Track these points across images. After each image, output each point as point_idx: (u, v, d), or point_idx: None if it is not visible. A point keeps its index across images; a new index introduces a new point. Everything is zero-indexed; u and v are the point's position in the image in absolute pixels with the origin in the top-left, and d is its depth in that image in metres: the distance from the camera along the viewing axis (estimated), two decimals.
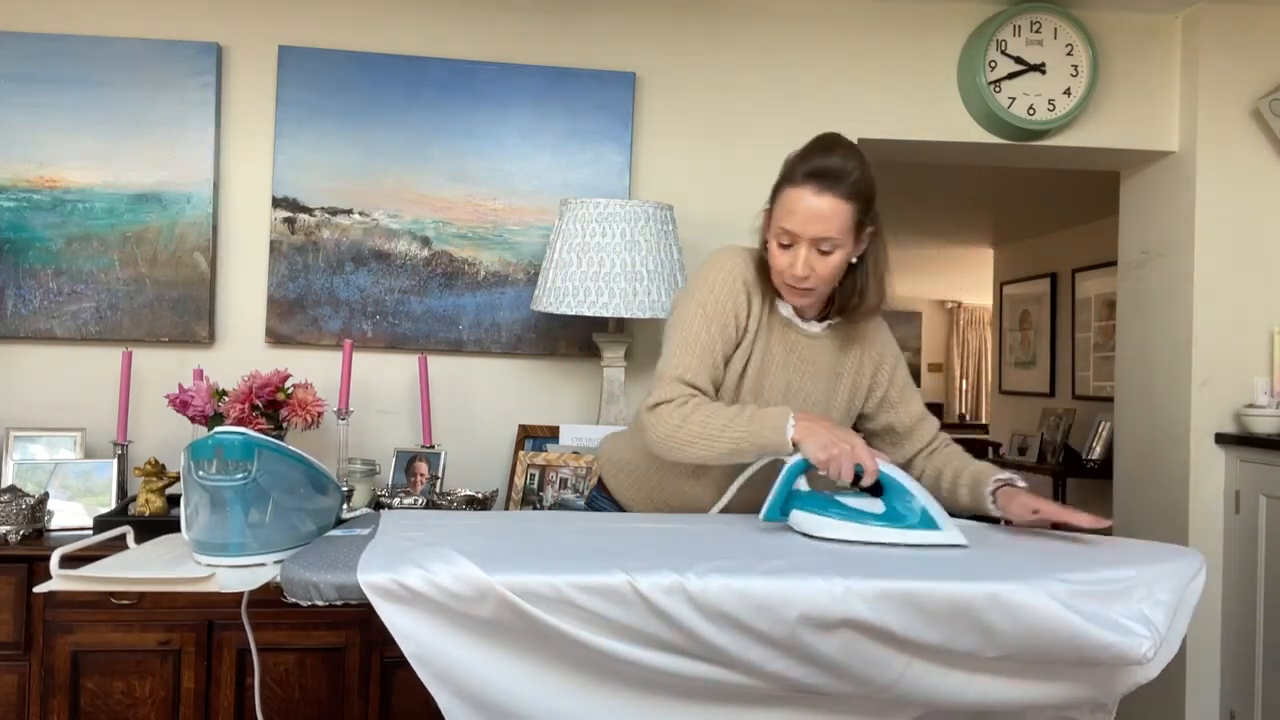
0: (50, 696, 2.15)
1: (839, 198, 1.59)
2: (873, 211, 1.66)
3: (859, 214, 1.62)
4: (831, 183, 1.58)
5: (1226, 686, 2.88)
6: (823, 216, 1.59)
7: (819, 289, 1.66)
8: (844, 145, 1.64)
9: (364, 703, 2.22)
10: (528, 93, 2.72)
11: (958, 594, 1.21)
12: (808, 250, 1.60)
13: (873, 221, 1.67)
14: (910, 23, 2.90)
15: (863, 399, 1.78)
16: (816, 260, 1.61)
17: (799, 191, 1.60)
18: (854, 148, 1.65)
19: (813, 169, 1.60)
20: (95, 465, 2.41)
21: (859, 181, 1.61)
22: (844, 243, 1.61)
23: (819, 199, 1.58)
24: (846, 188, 1.59)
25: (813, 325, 1.74)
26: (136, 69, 2.58)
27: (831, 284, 1.67)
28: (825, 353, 1.74)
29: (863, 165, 1.62)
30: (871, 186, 1.64)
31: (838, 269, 1.64)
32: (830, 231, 1.59)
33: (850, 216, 1.60)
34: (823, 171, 1.59)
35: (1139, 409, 3.18)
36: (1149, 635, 1.21)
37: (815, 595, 1.22)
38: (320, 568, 1.30)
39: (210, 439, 1.36)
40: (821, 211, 1.58)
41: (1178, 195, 2.99)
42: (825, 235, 1.59)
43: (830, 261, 1.62)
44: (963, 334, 9.74)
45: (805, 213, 1.59)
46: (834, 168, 1.59)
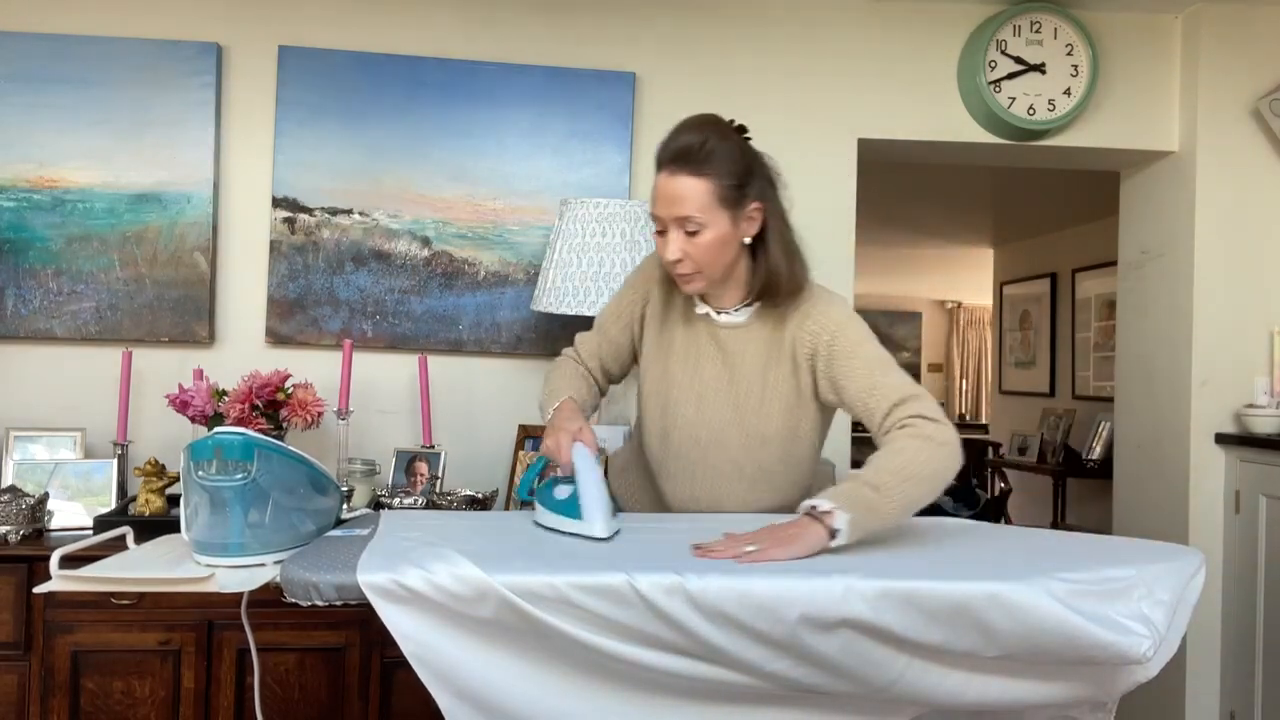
0: (50, 696, 2.15)
1: (692, 175, 1.56)
2: (750, 186, 1.61)
3: (724, 189, 1.57)
4: (683, 161, 1.56)
5: (1226, 686, 2.88)
6: (679, 197, 1.56)
7: (702, 272, 1.62)
8: (700, 122, 1.60)
9: (364, 703, 2.22)
10: (528, 93, 2.72)
11: (958, 594, 1.21)
12: (675, 233, 1.59)
13: (759, 197, 1.62)
14: (910, 23, 2.90)
15: (811, 380, 1.68)
16: (686, 243, 1.58)
17: (659, 176, 1.59)
18: (713, 124, 1.61)
19: (666, 151, 1.58)
20: (95, 465, 2.41)
21: (713, 156, 1.56)
22: (711, 221, 1.57)
23: (672, 180, 1.57)
24: (700, 164, 1.55)
25: (736, 315, 1.71)
26: (136, 69, 2.58)
27: (717, 266, 1.62)
28: (755, 341, 1.69)
29: (722, 139, 1.58)
30: (738, 160, 1.59)
31: (713, 249, 1.59)
32: (688, 210, 1.56)
33: (710, 193, 1.56)
34: (674, 152, 1.57)
35: (1139, 409, 3.18)
36: (1149, 635, 1.21)
37: (815, 595, 1.22)
38: (320, 568, 1.30)
39: (210, 439, 1.37)
40: (676, 192, 1.56)
41: (1178, 195, 2.99)
42: (685, 215, 1.56)
43: (700, 242, 1.58)
44: (963, 334, 9.74)
45: (663, 195, 1.58)
46: (684, 145, 1.56)
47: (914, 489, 1.45)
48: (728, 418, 1.70)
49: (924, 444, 1.49)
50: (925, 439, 1.49)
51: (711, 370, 1.71)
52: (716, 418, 1.70)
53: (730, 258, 1.63)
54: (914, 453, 1.48)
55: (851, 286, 2.89)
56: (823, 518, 1.38)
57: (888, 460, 1.47)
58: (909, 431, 1.50)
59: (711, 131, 1.58)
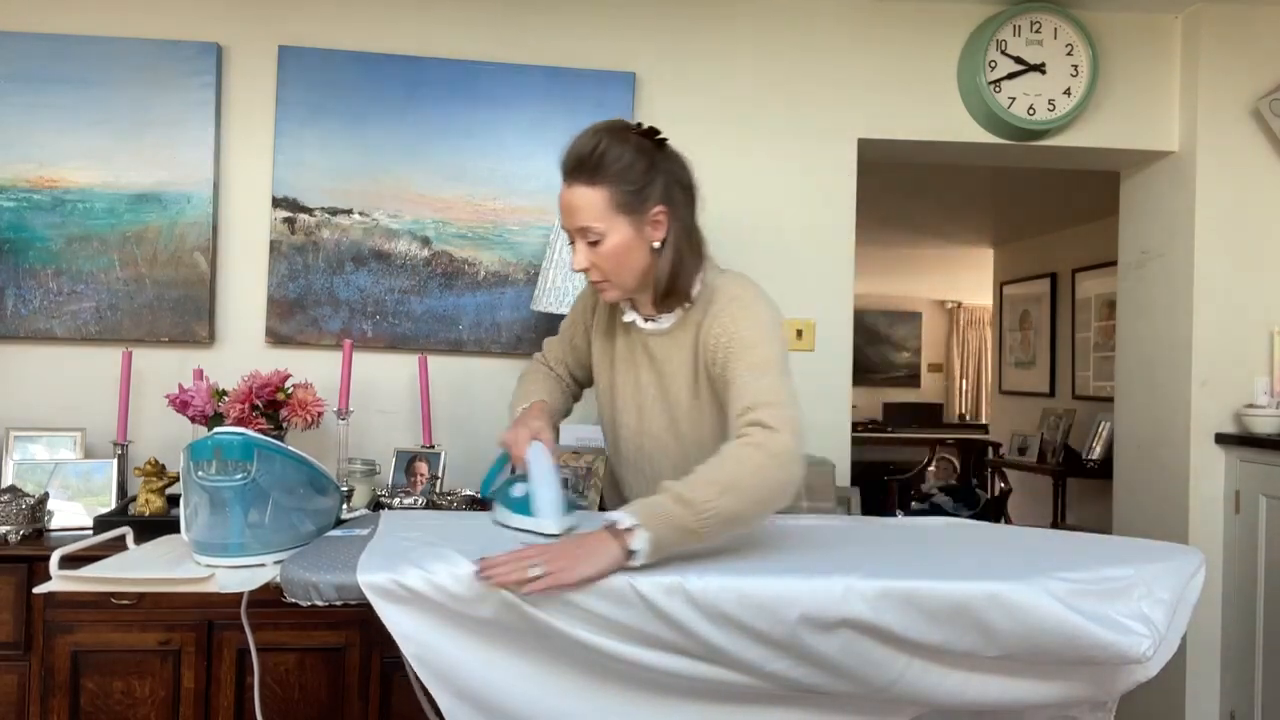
0: (50, 696, 2.15)
1: (586, 184, 1.54)
2: (650, 190, 1.57)
3: (621, 195, 1.54)
4: (576, 171, 1.55)
5: (1226, 686, 2.88)
6: (574, 207, 1.55)
7: (611, 280, 1.60)
8: (595, 129, 1.57)
9: (364, 703, 2.22)
10: (528, 93, 2.72)
11: (957, 594, 1.21)
12: (580, 243, 1.58)
13: (663, 200, 1.58)
14: (910, 23, 2.90)
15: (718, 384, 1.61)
16: (590, 252, 1.57)
17: (561, 188, 1.58)
18: (609, 130, 1.57)
19: (563, 163, 1.57)
20: (95, 465, 2.41)
21: (606, 162, 1.53)
22: (610, 229, 1.55)
23: (569, 191, 1.56)
24: (593, 172, 1.53)
25: (660, 322, 1.68)
26: (136, 69, 2.58)
27: (626, 273, 1.59)
28: (679, 347, 1.66)
29: (616, 144, 1.54)
30: (632, 166, 1.55)
31: (617, 257, 1.57)
32: (586, 220, 1.55)
33: (606, 200, 1.54)
34: (568, 163, 1.56)
35: (1139, 409, 3.18)
36: (1149, 634, 1.21)
37: (815, 595, 1.22)
38: (320, 568, 1.30)
39: (209, 439, 1.37)
40: (572, 202, 1.56)
41: (1178, 195, 2.99)
42: (584, 225, 1.55)
43: (604, 251, 1.56)
44: (963, 334, 9.73)
45: (562, 207, 1.58)
46: (577, 154, 1.55)
47: (733, 503, 1.33)
48: (664, 425, 1.69)
49: (753, 453, 1.38)
50: (755, 447, 1.38)
51: (646, 378, 1.71)
52: (655, 426, 1.70)
53: (640, 264, 1.59)
54: (738, 463, 1.37)
55: (851, 286, 2.89)
56: (621, 535, 1.28)
57: (710, 470, 1.36)
58: (742, 440, 1.41)
59: (606, 137, 1.54)
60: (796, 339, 2.86)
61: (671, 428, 1.68)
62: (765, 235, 2.85)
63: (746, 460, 1.37)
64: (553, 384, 1.85)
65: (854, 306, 2.91)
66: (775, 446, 1.38)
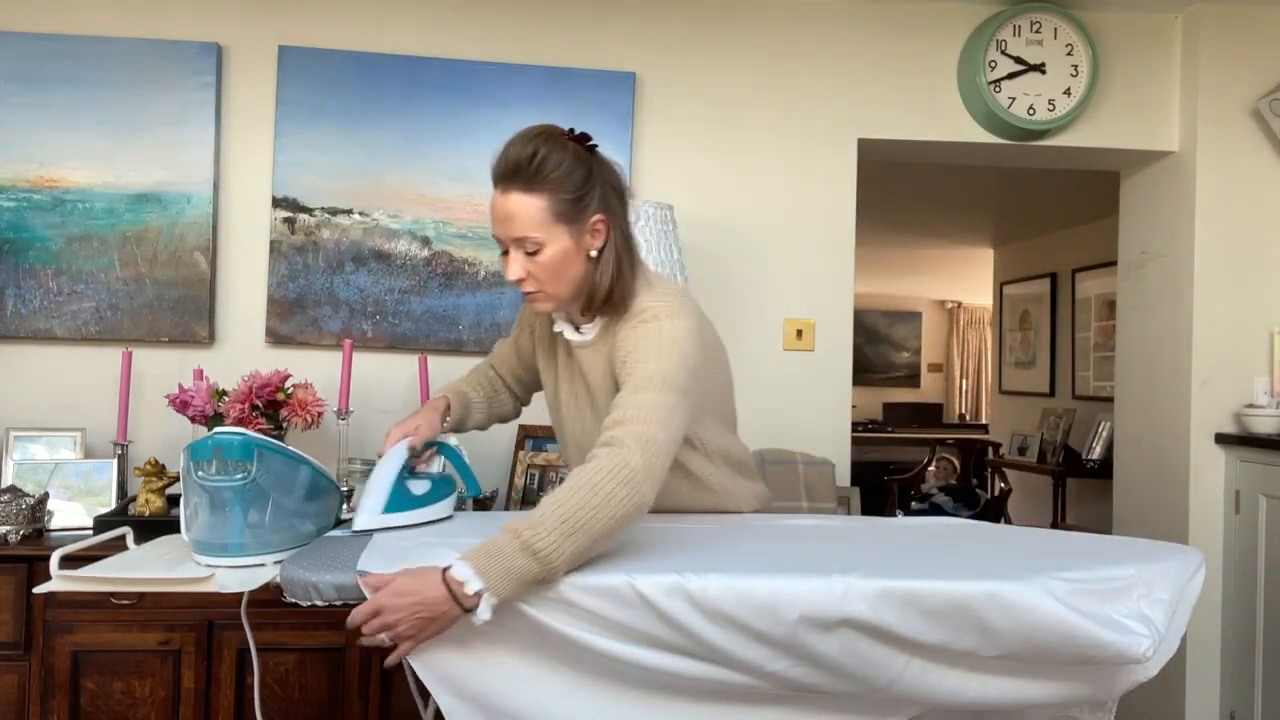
0: (50, 696, 2.15)
1: (525, 192, 1.47)
2: (589, 198, 1.51)
3: (560, 204, 1.48)
4: (511, 178, 1.48)
5: (1226, 686, 2.88)
6: (511, 215, 1.48)
7: (546, 291, 1.53)
8: (531, 134, 1.50)
9: (364, 703, 2.23)
10: (528, 93, 2.72)
11: (957, 593, 1.21)
12: (515, 253, 1.51)
13: (601, 208, 1.53)
14: (910, 23, 2.90)
15: None
16: (527, 263, 1.50)
17: (494, 195, 1.51)
18: (545, 135, 1.50)
19: (496, 167, 1.50)
20: (95, 465, 2.41)
21: (545, 169, 1.47)
22: (549, 238, 1.49)
23: (505, 199, 1.49)
24: (531, 179, 1.47)
25: (585, 334, 1.63)
26: (136, 69, 2.58)
27: (563, 284, 1.53)
28: (601, 358, 1.61)
29: (555, 151, 1.48)
30: (571, 174, 1.49)
31: (555, 267, 1.51)
32: (524, 230, 1.48)
33: (545, 209, 1.47)
34: (504, 168, 1.49)
35: (1139, 409, 3.18)
36: (1148, 634, 1.21)
37: (815, 595, 1.22)
38: (320, 568, 1.30)
39: (209, 439, 1.37)
40: (510, 210, 1.48)
41: (1178, 195, 2.99)
42: (521, 235, 1.48)
43: (542, 261, 1.50)
44: (963, 334, 9.73)
45: (497, 215, 1.50)
46: (514, 160, 1.47)
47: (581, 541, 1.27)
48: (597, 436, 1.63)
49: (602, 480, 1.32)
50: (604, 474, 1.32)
51: (580, 389, 1.67)
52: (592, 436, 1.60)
53: (578, 274, 1.54)
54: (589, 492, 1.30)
55: (851, 286, 2.89)
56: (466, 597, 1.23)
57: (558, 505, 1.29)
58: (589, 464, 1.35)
59: (543, 143, 1.48)
60: (796, 339, 2.86)
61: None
62: (765, 235, 2.85)
63: (597, 489, 1.30)
64: (483, 380, 1.83)
65: (854, 306, 2.91)
66: (623, 473, 1.32)
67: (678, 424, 1.43)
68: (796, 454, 2.65)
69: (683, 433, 1.46)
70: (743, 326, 2.84)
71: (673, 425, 1.41)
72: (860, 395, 8.07)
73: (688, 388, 1.46)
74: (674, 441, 1.41)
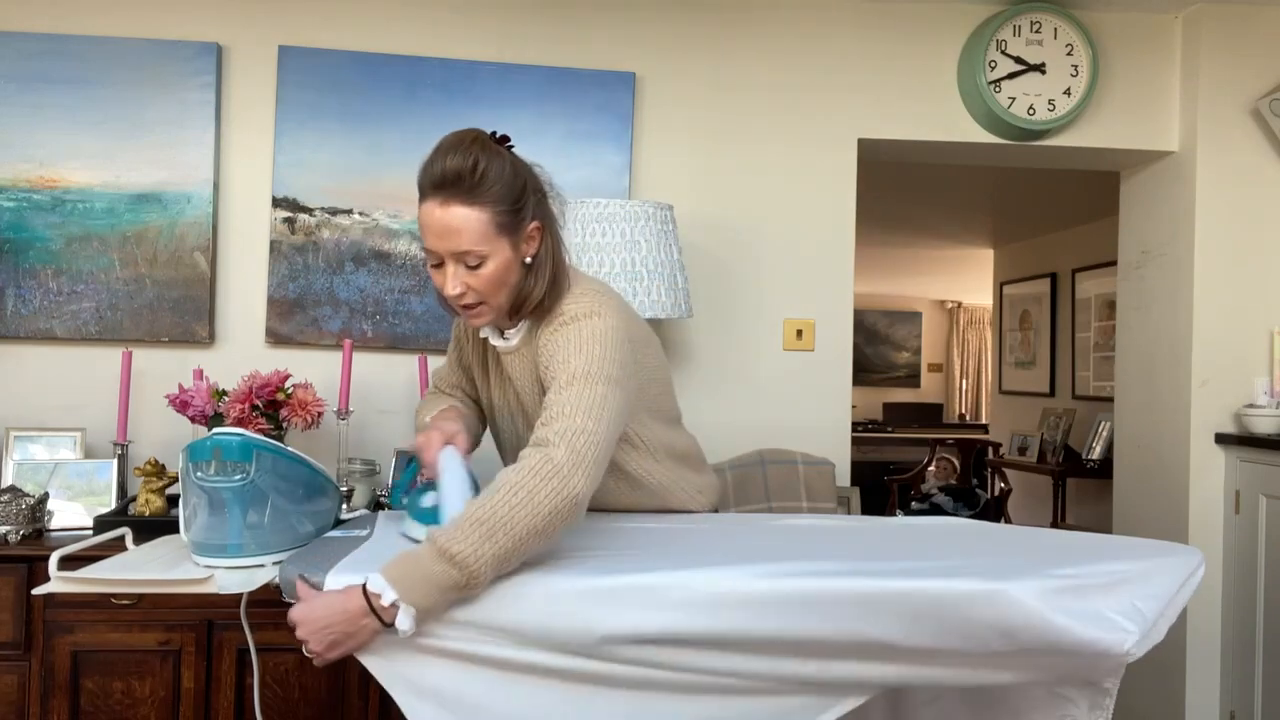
0: (50, 696, 2.15)
1: (466, 205, 1.41)
2: (526, 207, 1.48)
3: (501, 216, 1.44)
4: (453, 190, 1.40)
5: (1226, 686, 2.88)
6: (453, 229, 1.41)
7: (487, 304, 1.49)
8: (468, 142, 1.43)
9: (364, 702, 2.23)
10: (528, 93, 2.72)
11: (945, 593, 1.21)
12: (454, 267, 1.44)
13: (537, 215, 1.50)
14: (910, 23, 2.90)
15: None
16: (468, 276, 1.45)
17: (428, 206, 1.43)
18: (481, 142, 1.45)
19: (431, 177, 1.42)
20: (95, 465, 2.41)
21: (488, 180, 1.42)
22: (492, 251, 1.44)
23: (445, 211, 1.41)
24: (474, 192, 1.41)
25: (510, 340, 1.59)
26: (136, 69, 2.58)
27: (503, 294, 1.49)
28: (527, 361, 1.58)
29: (492, 161, 1.43)
30: (511, 183, 1.45)
31: (498, 279, 1.46)
32: (468, 244, 1.42)
33: (488, 222, 1.42)
34: (442, 179, 1.41)
35: (1139, 409, 3.18)
36: (1135, 630, 1.20)
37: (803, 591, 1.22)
38: (318, 569, 1.30)
39: (208, 440, 1.37)
40: (451, 224, 1.41)
41: (1178, 195, 2.99)
42: (465, 249, 1.42)
43: (484, 275, 1.45)
44: (963, 334, 9.73)
45: (435, 228, 1.42)
46: (453, 171, 1.40)
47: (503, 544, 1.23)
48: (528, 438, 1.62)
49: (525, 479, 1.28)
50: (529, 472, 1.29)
51: (510, 395, 1.64)
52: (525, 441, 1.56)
53: (516, 283, 1.50)
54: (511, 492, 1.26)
55: (851, 286, 2.89)
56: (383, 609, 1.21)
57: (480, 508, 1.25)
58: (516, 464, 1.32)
59: (480, 152, 1.42)
60: (796, 339, 2.86)
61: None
62: (765, 235, 2.85)
63: (519, 488, 1.27)
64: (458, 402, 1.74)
65: (854, 306, 2.91)
66: (547, 468, 1.29)
67: (611, 412, 1.38)
68: (796, 454, 2.65)
69: (620, 421, 1.41)
70: (743, 326, 2.84)
71: (604, 414, 1.37)
72: (860, 395, 8.08)
73: (618, 378, 1.42)
74: (608, 429, 1.36)
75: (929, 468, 6.46)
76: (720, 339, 2.84)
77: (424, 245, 1.46)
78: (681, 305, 2.41)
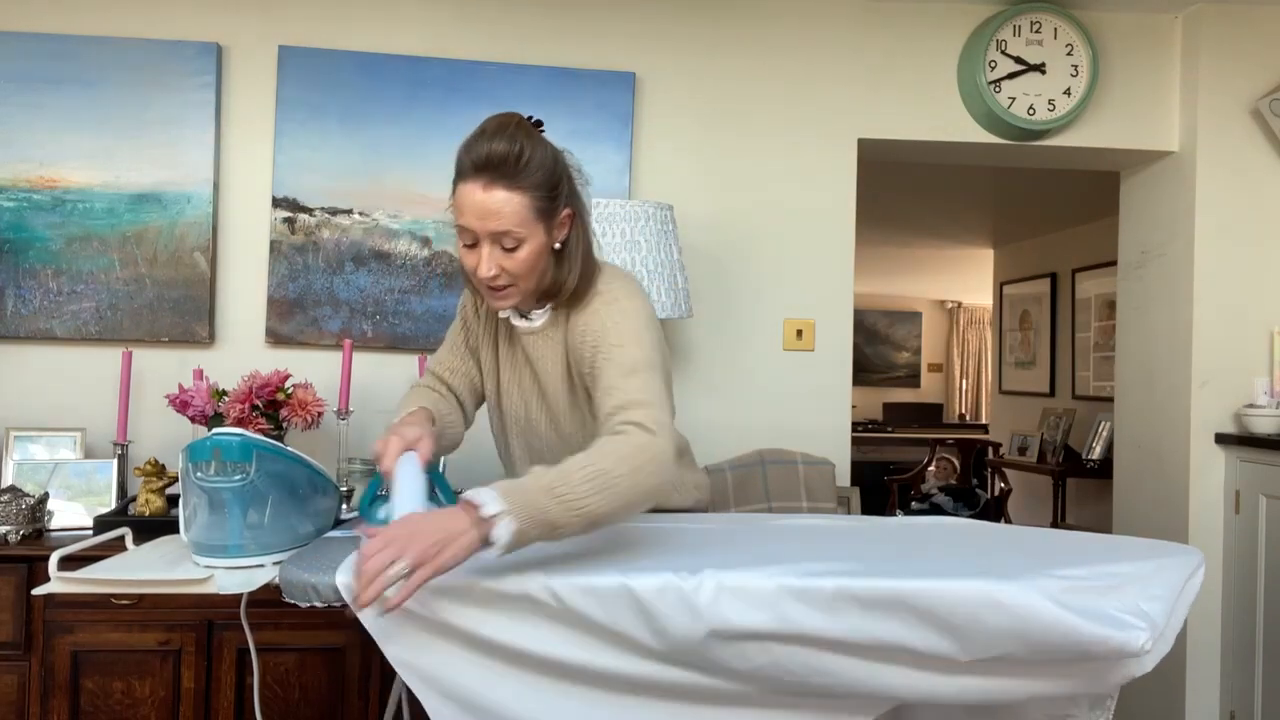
0: (50, 696, 2.15)
1: (510, 189, 1.44)
2: (561, 193, 1.51)
3: (540, 201, 1.47)
4: (498, 173, 1.44)
5: (1226, 686, 2.88)
6: (495, 211, 1.44)
7: (516, 286, 1.51)
8: (512, 127, 1.47)
9: (364, 702, 2.23)
10: (528, 93, 2.72)
11: (954, 593, 1.20)
12: (490, 248, 1.47)
13: (568, 203, 1.53)
14: (910, 23, 2.90)
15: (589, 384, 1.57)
16: (503, 258, 1.47)
17: (469, 186, 1.45)
18: (525, 128, 1.49)
19: (475, 157, 1.45)
20: (95, 465, 2.41)
21: (531, 166, 1.45)
22: (529, 235, 1.47)
23: (486, 194, 1.44)
24: (517, 176, 1.44)
25: (534, 321, 1.61)
26: (136, 69, 2.58)
27: (533, 278, 1.52)
28: (553, 344, 1.61)
29: (536, 147, 1.47)
30: (553, 169, 1.49)
31: (532, 262, 1.49)
32: (508, 225, 1.45)
33: (529, 206, 1.46)
34: (488, 161, 1.44)
35: (1139, 409, 3.18)
36: (1145, 627, 1.20)
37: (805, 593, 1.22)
38: (319, 569, 1.30)
39: (208, 440, 1.37)
40: (492, 206, 1.44)
41: (1178, 195, 2.99)
42: (504, 230, 1.45)
43: (519, 257, 1.48)
44: (963, 334, 9.73)
45: (477, 209, 1.45)
46: (498, 154, 1.43)
47: (604, 503, 1.26)
48: (547, 424, 1.65)
49: (633, 453, 1.32)
50: (636, 448, 1.33)
51: (528, 381, 1.65)
52: (541, 428, 1.65)
53: (545, 267, 1.53)
54: (618, 461, 1.30)
55: (851, 286, 2.89)
56: (483, 522, 1.19)
57: (587, 465, 1.28)
58: (620, 438, 1.35)
59: (524, 138, 1.46)
60: (796, 339, 2.86)
61: (554, 426, 1.64)
62: (765, 235, 2.85)
63: (627, 459, 1.31)
64: (438, 398, 1.69)
65: (854, 306, 2.91)
66: (654, 450, 1.34)
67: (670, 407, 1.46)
68: (796, 454, 2.65)
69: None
70: (743, 326, 2.84)
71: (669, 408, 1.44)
72: (860, 395, 8.08)
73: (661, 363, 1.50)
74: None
75: (929, 468, 6.46)
76: (720, 339, 2.84)
77: (458, 224, 1.48)
78: (681, 305, 2.41)
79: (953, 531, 1.65)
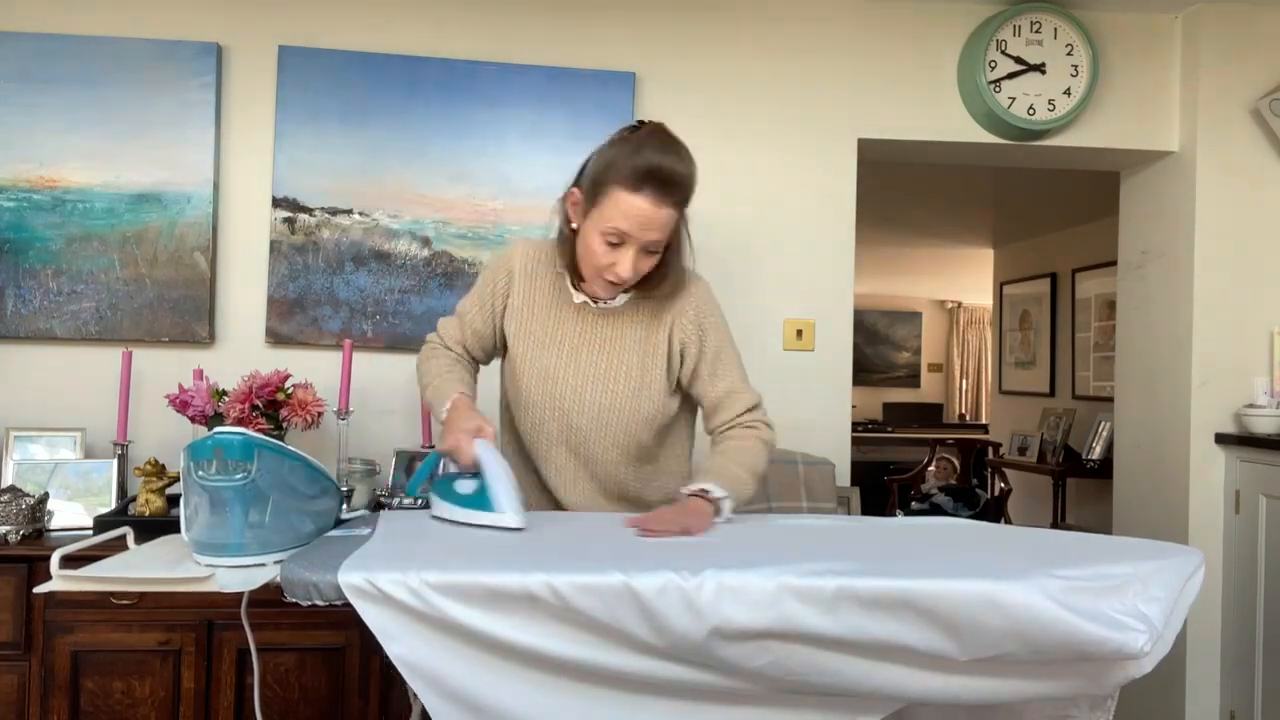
0: (50, 696, 2.15)
1: (675, 209, 1.59)
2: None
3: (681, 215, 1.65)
4: (670, 192, 1.57)
5: (1226, 686, 2.88)
6: (659, 225, 1.58)
7: (631, 283, 1.66)
8: (683, 150, 1.61)
9: (364, 702, 2.23)
10: (528, 93, 2.72)
11: (954, 593, 1.20)
12: (637, 253, 1.61)
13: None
14: (910, 23, 2.90)
15: (678, 370, 1.76)
16: (643, 260, 1.62)
17: (636, 198, 1.56)
18: (688, 154, 1.62)
19: (654, 175, 1.55)
20: (95, 465, 2.41)
21: (691, 187, 1.61)
22: (670, 242, 1.65)
23: (657, 210, 1.57)
24: (682, 200, 1.60)
25: (614, 302, 1.74)
26: (136, 69, 2.58)
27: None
28: (633, 326, 1.74)
29: (693, 167, 1.61)
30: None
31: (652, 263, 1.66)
32: (664, 236, 1.61)
33: (677, 219, 1.63)
34: (664, 180, 1.56)
35: (1139, 409, 3.18)
36: (1145, 629, 1.20)
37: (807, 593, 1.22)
38: (320, 568, 1.30)
39: (210, 439, 1.36)
40: (659, 221, 1.58)
41: (1178, 195, 2.99)
42: (658, 239, 1.61)
43: (653, 260, 1.65)
44: (963, 334, 9.74)
45: (642, 220, 1.57)
46: (676, 177, 1.57)
47: (754, 485, 1.66)
48: (607, 403, 1.71)
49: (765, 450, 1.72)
50: (766, 445, 1.72)
51: (589, 357, 1.73)
52: (597, 403, 1.71)
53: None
54: (759, 454, 1.70)
55: (851, 286, 2.89)
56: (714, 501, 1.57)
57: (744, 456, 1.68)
58: (756, 434, 1.72)
59: (689, 156, 1.60)
60: (796, 339, 2.86)
61: (614, 404, 1.72)
62: (765, 235, 2.85)
63: (763, 456, 1.70)
64: (462, 370, 1.80)
65: (854, 306, 2.91)
66: (772, 439, 1.73)
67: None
68: (796, 454, 2.65)
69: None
70: (743, 326, 2.83)
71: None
72: (860, 395, 8.08)
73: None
74: None
75: (929, 468, 6.46)
76: None
77: (609, 226, 1.58)
78: None
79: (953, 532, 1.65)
